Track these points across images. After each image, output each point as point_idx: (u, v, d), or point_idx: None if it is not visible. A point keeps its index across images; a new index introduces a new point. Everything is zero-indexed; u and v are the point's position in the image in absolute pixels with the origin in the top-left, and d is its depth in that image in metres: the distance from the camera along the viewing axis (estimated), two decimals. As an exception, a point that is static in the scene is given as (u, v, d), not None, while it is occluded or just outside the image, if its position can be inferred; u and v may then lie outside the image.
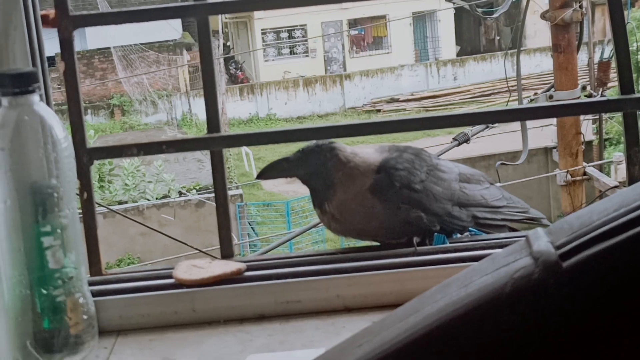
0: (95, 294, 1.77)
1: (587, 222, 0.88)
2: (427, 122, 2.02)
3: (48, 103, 1.77)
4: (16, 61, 1.74)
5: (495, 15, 10.62)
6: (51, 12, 1.83)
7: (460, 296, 0.94)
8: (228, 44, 39.45)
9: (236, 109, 32.55)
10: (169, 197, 19.02)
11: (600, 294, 0.84)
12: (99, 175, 19.18)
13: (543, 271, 0.87)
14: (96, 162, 1.86)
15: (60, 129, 1.59)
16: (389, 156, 2.01)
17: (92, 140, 18.49)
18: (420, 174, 1.98)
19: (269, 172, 2.06)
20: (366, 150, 2.05)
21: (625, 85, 1.85)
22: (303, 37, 35.08)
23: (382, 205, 1.94)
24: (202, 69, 1.85)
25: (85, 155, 1.87)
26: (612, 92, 11.22)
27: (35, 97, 1.58)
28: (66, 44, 1.84)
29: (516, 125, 11.76)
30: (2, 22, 1.71)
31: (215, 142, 1.92)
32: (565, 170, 8.65)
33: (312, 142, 2.01)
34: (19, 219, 1.58)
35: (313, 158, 1.97)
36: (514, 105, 9.25)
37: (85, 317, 1.65)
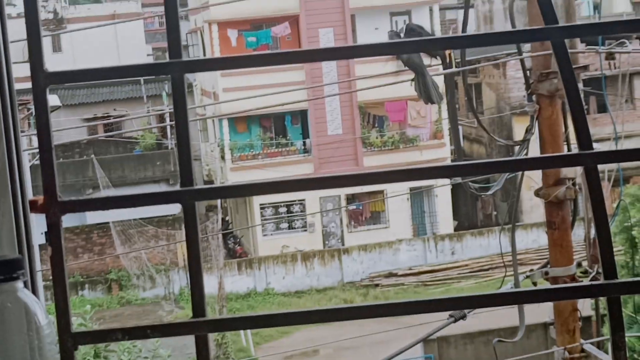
0: None
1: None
2: (411, 306, 2.02)
3: (34, 288, 1.78)
4: (3, 247, 1.76)
5: (490, 192, 10.75)
6: (40, 198, 1.86)
7: None
8: (227, 218, 39.73)
9: (234, 283, 32.50)
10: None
11: None
12: (95, 351, 18.97)
13: None
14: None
15: (43, 316, 1.59)
16: None
17: (88, 316, 18.38)
18: None
19: None
20: None
21: (608, 269, 1.86)
22: (301, 211, 35.36)
23: None
24: (186, 234, 1.87)
25: (69, 340, 1.86)
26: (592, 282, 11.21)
27: (19, 284, 1.59)
28: (54, 228, 1.86)
29: (513, 301, 11.63)
30: (-9, 208, 1.74)
31: (200, 326, 1.91)
32: (563, 348, 8.56)
33: None
34: (-2, 406, 1.57)
35: None
36: (503, 288, 9.25)
37: None
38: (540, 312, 15.43)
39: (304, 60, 1.95)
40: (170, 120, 36.40)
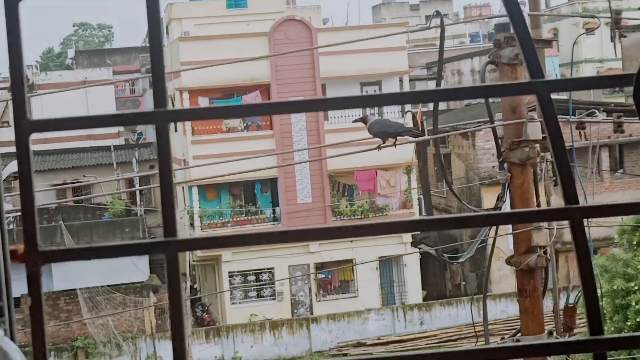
0: None
1: None
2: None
3: (12, 337, 1.74)
4: (-18, 296, 1.72)
5: (461, 260, 10.76)
6: (20, 247, 1.83)
7: None
8: (195, 286, 39.46)
9: (202, 352, 32.18)
10: None
11: None
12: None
13: None
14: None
15: (23, 365, 1.55)
16: None
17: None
18: None
19: None
20: None
21: (594, 324, 1.85)
22: (270, 280, 35.20)
23: None
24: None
25: (46, 394, 1.81)
26: (578, 337, 11.18)
27: (-1, 332, 1.55)
28: (34, 279, 1.82)
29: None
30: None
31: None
32: (536, 417, 8.50)
33: None
34: None
35: None
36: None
37: None
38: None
39: (283, 112, 1.94)
40: (140, 186, 36.33)
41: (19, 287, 1.96)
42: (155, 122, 1.89)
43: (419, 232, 36.69)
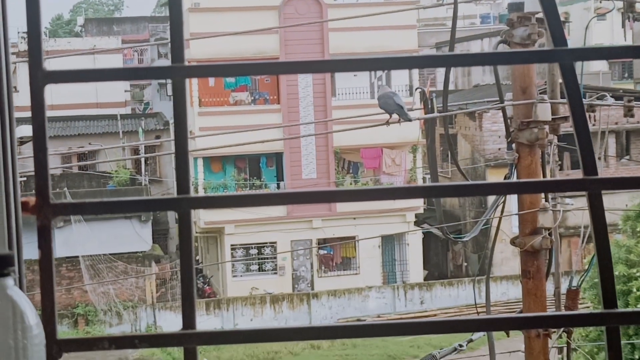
0: None
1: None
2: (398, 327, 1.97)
3: (21, 287, 1.72)
4: (-7, 244, 1.70)
5: (466, 239, 10.75)
6: (32, 200, 1.81)
7: None
8: (197, 257, 39.54)
9: (201, 323, 32.27)
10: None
11: None
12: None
13: None
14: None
15: (32, 315, 1.54)
16: None
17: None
18: None
19: None
20: None
21: (608, 298, 1.83)
22: (272, 254, 35.25)
23: None
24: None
25: (54, 347, 1.80)
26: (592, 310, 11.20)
27: (9, 281, 1.54)
28: (44, 231, 1.80)
29: (484, 350, 11.66)
30: (-18, 205, 1.69)
31: (190, 338, 1.86)
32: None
33: None
34: (-20, 408, 1.50)
35: None
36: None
37: None
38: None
39: (294, 71, 1.93)
40: (146, 153, 36.29)
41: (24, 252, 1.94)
42: (172, 76, 1.87)
43: (422, 212, 36.70)
